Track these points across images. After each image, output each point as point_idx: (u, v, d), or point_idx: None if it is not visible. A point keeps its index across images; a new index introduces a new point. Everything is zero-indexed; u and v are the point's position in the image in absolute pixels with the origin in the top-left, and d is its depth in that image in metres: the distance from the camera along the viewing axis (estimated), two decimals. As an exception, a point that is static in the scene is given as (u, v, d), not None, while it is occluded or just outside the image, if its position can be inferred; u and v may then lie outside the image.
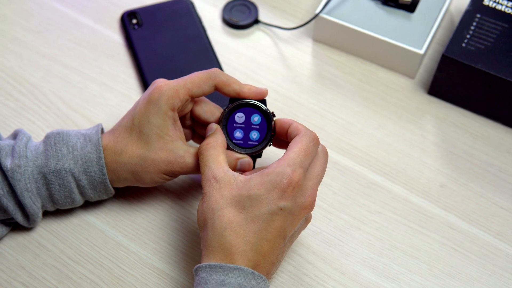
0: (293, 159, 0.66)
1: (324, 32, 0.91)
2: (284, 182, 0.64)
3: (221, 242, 0.64)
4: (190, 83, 0.71)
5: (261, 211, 0.64)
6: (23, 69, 0.89)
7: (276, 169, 0.65)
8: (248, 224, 0.64)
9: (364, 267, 0.75)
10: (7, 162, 0.70)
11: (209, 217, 0.65)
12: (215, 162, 0.68)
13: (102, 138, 0.73)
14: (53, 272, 0.73)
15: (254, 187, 0.65)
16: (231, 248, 0.63)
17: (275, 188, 0.64)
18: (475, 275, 0.75)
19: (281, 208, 0.64)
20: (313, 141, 0.68)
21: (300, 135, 0.68)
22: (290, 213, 0.65)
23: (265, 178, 0.65)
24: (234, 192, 0.65)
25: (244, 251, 0.63)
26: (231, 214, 0.64)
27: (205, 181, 0.67)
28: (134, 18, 0.92)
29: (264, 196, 0.64)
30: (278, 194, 0.64)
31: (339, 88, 0.89)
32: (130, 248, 0.75)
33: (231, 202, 0.65)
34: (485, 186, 0.81)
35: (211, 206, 0.65)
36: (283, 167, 0.65)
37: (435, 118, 0.86)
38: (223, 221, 0.64)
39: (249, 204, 0.64)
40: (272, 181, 0.64)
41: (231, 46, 0.93)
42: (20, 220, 0.72)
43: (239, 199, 0.65)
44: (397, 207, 0.79)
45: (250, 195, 0.64)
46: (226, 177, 0.66)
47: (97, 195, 0.74)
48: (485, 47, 0.82)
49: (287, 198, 0.65)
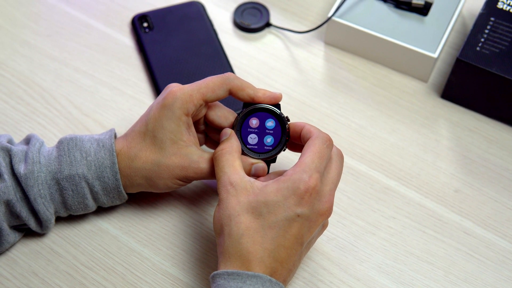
0: (308, 164, 0.65)
1: (336, 36, 0.91)
2: (301, 188, 0.64)
3: (238, 249, 0.63)
4: (204, 88, 0.70)
5: (278, 217, 0.64)
6: (33, 73, 0.88)
7: (293, 176, 0.64)
8: (265, 231, 0.63)
9: (379, 273, 0.75)
10: (20, 167, 0.70)
11: (226, 224, 0.64)
12: (231, 168, 0.67)
13: (116, 143, 0.72)
14: (66, 279, 0.73)
15: (271, 194, 0.64)
16: (248, 255, 0.63)
17: (292, 195, 0.64)
18: (491, 281, 0.74)
19: (299, 215, 0.64)
20: (326, 142, 0.67)
21: (312, 138, 0.67)
22: (307, 220, 0.65)
23: (281, 185, 0.64)
24: (251, 198, 0.64)
25: (261, 258, 0.63)
26: (248, 221, 0.64)
27: (221, 187, 0.66)
28: (145, 22, 0.92)
29: (281, 202, 0.64)
30: (295, 201, 0.64)
31: (352, 92, 0.88)
32: (144, 254, 0.75)
33: (248, 209, 0.64)
34: (500, 191, 0.81)
35: (228, 212, 0.65)
36: (300, 174, 0.64)
37: (449, 122, 0.86)
38: (240, 228, 0.64)
39: (266, 210, 0.64)
40: (289, 188, 0.64)
41: (243, 49, 0.92)
42: (33, 226, 0.72)
43: (256, 205, 0.64)
44: (411, 212, 0.79)
45: (267, 201, 0.64)
46: (242, 183, 0.66)
47: (111, 200, 0.73)
48: (500, 51, 0.82)
49: (305, 204, 0.64)
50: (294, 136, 0.71)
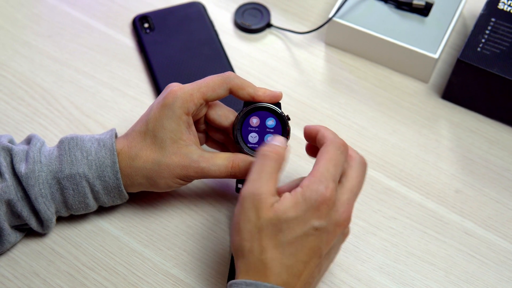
0: (323, 173, 0.63)
1: (337, 36, 0.91)
2: (319, 200, 0.62)
3: (257, 264, 0.62)
4: (205, 87, 0.70)
5: (297, 233, 0.62)
6: (34, 74, 0.88)
7: (309, 187, 0.63)
8: (284, 247, 0.62)
9: (380, 273, 0.75)
10: (21, 167, 0.70)
11: (246, 239, 0.63)
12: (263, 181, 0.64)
13: (116, 142, 0.72)
14: (67, 279, 0.73)
15: (290, 209, 0.62)
16: (266, 271, 0.62)
17: (310, 208, 0.62)
18: (492, 281, 0.74)
19: (317, 228, 0.62)
20: (340, 148, 0.65)
21: (326, 144, 0.66)
22: (325, 232, 0.63)
23: (299, 198, 0.63)
24: (271, 214, 0.62)
25: (279, 273, 0.62)
26: (268, 238, 0.62)
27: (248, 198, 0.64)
28: (146, 22, 0.92)
29: (300, 217, 0.62)
30: (312, 214, 0.62)
31: (353, 92, 0.88)
32: (145, 254, 0.75)
33: (268, 225, 0.62)
34: (501, 192, 0.80)
35: (249, 227, 0.63)
36: (316, 185, 0.63)
37: (450, 123, 0.86)
38: (261, 245, 0.62)
39: (286, 227, 0.62)
40: (307, 201, 0.62)
41: (244, 50, 0.92)
42: (34, 225, 0.72)
43: (276, 222, 0.62)
44: (412, 213, 0.79)
45: (287, 218, 0.62)
46: (267, 199, 0.63)
47: (111, 200, 0.73)
48: (501, 52, 0.82)
49: (322, 217, 0.62)
50: (310, 140, 0.70)
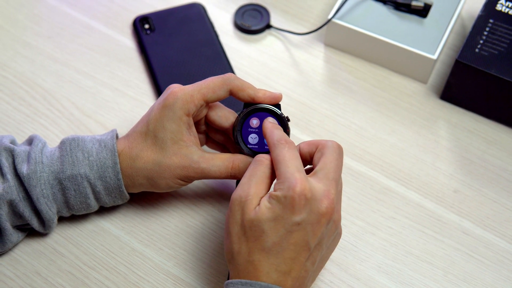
0: (285, 171, 0.64)
1: (336, 37, 0.91)
2: (291, 195, 0.62)
3: (246, 266, 0.63)
4: (205, 88, 0.71)
5: (280, 232, 0.63)
6: (35, 74, 0.89)
7: (278, 187, 0.63)
8: (269, 247, 0.63)
9: (378, 272, 0.75)
10: (23, 168, 0.70)
11: (234, 243, 0.64)
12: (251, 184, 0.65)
13: (117, 143, 0.73)
14: (68, 278, 0.73)
15: (267, 211, 0.63)
16: (255, 272, 0.63)
17: (286, 206, 0.62)
18: (490, 281, 0.75)
19: (298, 223, 0.62)
20: (281, 142, 0.66)
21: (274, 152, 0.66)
22: (308, 224, 0.63)
23: (272, 199, 0.63)
24: (253, 216, 0.63)
25: (267, 273, 0.63)
26: (254, 239, 0.63)
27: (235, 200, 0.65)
28: (146, 23, 0.92)
29: (279, 217, 0.62)
30: (290, 210, 0.62)
31: (352, 93, 0.89)
32: (146, 254, 0.75)
33: (250, 227, 0.63)
34: (499, 192, 0.81)
35: (236, 230, 0.64)
36: (283, 183, 0.63)
37: (448, 123, 0.86)
38: (248, 247, 0.63)
39: (268, 227, 0.63)
40: (280, 200, 0.62)
41: (243, 51, 0.93)
42: (35, 226, 0.72)
43: (257, 223, 0.63)
44: (411, 213, 0.79)
45: (267, 219, 0.63)
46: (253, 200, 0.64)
47: (112, 200, 0.74)
48: (499, 53, 0.82)
49: (301, 210, 0.62)
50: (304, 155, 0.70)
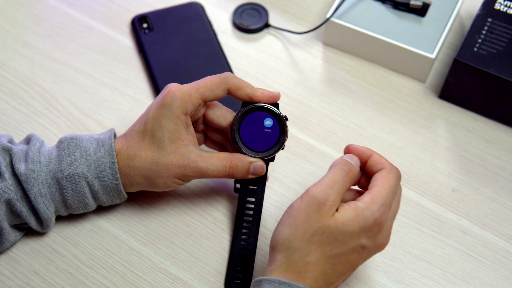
0: (385, 198, 0.65)
1: (334, 36, 0.91)
2: (375, 222, 0.64)
3: (299, 265, 0.63)
4: (203, 87, 0.71)
5: (347, 247, 0.64)
6: (34, 74, 0.89)
7: (371, 207, 0.64)
8: (330, 257, 0.64)
9: (377, 272, 0.75)
10: (20, 167, 0.70)
11: (297, 238, 0.63)
12: (334, 191, 0.65)
13: (115, 142, 0.73)
14: (66, 277, 0.73)
15: (348, 223, 0.63)
16: (306, 273, 0.63)
17: (364, 227, 0.64)
18: (488, 279, 0.75)
19: (363, 246, 0.65)
20: (399, 179, 0.68)
21: (387, 171, 0.67)
22: (367, 251, 0.66)
23: (359, 214, 0.64)
24: (332, 223, 0.63)
25: (316, 279, 0.63)
26: (319, 243, 0.63)
27: (315, 199, 0.64)
28: (145, 23, 0.92)
29: (355, 233, 0.64)
30: (365, 233, 0.64)
31: (350, 92, 0.89)
32: (143, 253, 0.75)
33: (324, 232, 0.63)
34: (497, 191, 0.81)
35: (304, 227, 0.63)
36: (377, 205, 0.64)
37: (447, 122, 0.86)
38: (309, 247, 0.63)
39: (340, 238, 0.63)
40: (366, 220, 0.64)
41: (242, 50, 0.93)
42: (33, 225, 0.72)
43: (334, 231, 0.63)
44: (409, 212, 0.79)
45: (344, 231, 0.63)
46: (332, 208, 0.64)
47: (110, 199, 0.74)
48: (497, 52, 0.82)
49: (370, 236, 0.65)
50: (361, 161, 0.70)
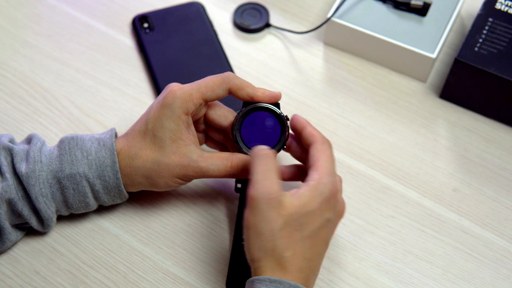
0: (329, 169, 0.66)
1: (335, 36, 0.91)
2: (331, 193, 0.65)
3: (281, 261, 0.63)
4: (204, 87, 0.71)
5: (315, 226, 0.64)
6: (35, 73, 0.89)
7: (322, 180, 0.65)
8: (304, 241, 0.64)
9: (378, 271, 0.75)
10: (22, 167, 0.70)
11: (269, 240, 0.63)
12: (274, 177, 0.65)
13: (116, 142, 0.73)
14: (67, 277, 0.73)
15: (308, 204, 0.64)
16: (290, 267, 0.63)
17: (324, 201, 0.64)
18: (489, 279, 0.75)
19: (328, 219, 0.65)
20: (331, 148, 0.69)
21: (320, 143, 0.69)
22: (332, 223, 0.66)
23: (315, 191, 0.64)
24: (292, 210, 0.63)
25: (301, 268, 0.63)
26: (290, 234, 0.63)
27: (261, 196, 0.63)
28: (145, 22, 0.92)
29: (317, 210, 0.64)
30: (325, 206, 0.65)
31: (351, 92, 0.89)
32: (145, 252, 0.75)
33: (288, 221, 0.63)
34: (498, 190, 0.81)
35: (270, 227, 0.63)
36: (327, 178, 0.65)
37: (447, 122, 0.86)
38: (283, 242, 0.63)
39: (306, 220, 0.64)
40: (322, 194, 0.64)
41: (243, 50, 0.93)
42: (34, 224, 0.72)
43: (297, 217, 0.63)
44: (410, 212, 0.79)
45: (306, 212, 0.64)
46: (281, 196, 0.64)
47: (111, 199, 0.74)
48: (498, 51, 0.82)
49: (331, 208, 0.65)
50: (294, 130, 0.72)
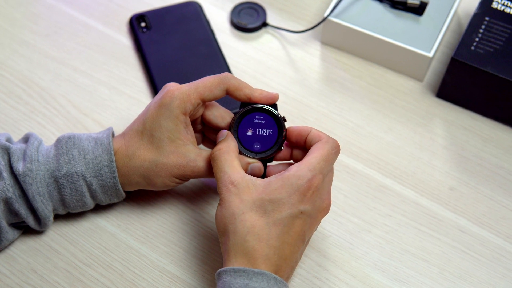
0: (314, 164, 0.66)
1: (332, 35, 0.91)
2: (305, 186, 0.65)
3: (244, 246, 0.64)
4: (202, 87, 0.71)
5: (283, 214, 0.64)
6: (32, 73, 0.89)
7: (297, 172, 0.65)
8: (270, 228, 0.64)
9: (374, 270, 0.75)
10: (19, 166, 0.70)
11: (230, 222, 0.65)
12: (231, 167, 0.67)
13: (113, 141, 0.73)
14: (64, 276, 0.74)
15: (275, 191, 0.65)
16: (254, 253, 0.64)
17: (296, 192, 0.65)
18: (485, 278, 0.75)
19: (302, 212, 0.65)
20: (335, 149, 0.69)
21: (322, 142, 0.68)
22: (309, 217, 0.66)
23: (285, 181, 0.65)
24: (254, 196, 0.65)
25: (267, 255, 0.64)
26: (252, 219, 0.64)
27: (222, 187, 0.67)
28: (142, 21, 0.92)
29: (285, 199, 0.65)
30: (298, 198, 0.65)
31: (348, 91, 0.89)
32: (141, 251, 0.76)
33: (251, 207, 0.65)
34: (494, 189, 0.81)
35: (231, 211, 0.65)
36: (304, 171, 0.65)
37: (444, 121, 0.87)
38: (245, 226, 0.64)
39: (271, 208, 0.65)
40: (293, 185, 0.65)
41: (240, 49, 0.93)
42: (31, 223, 0.72)
43: (260, 203, 0.65)
44: (407, 210, 0.80)
45: (271, 199, 0.65)
46: (244, 182, 0.66)
47: (108, 198, 0.74)
48: (494, 50, 0.83)
49: (307, 201, 0.65)
50: (298, 140, 0.71)
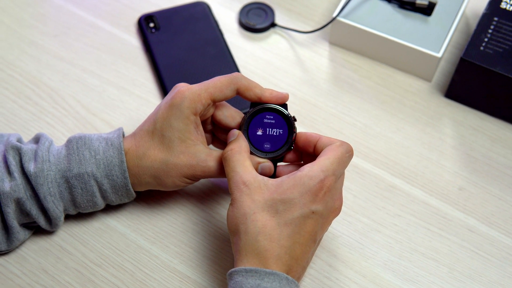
0: (327, 165, 0.66)
1: (341, 36, 0.91)
2: (317, 186, 0.65)
3: (255, 246, 0.64)
4: (212, 87, 0.71)
5: (294, 214, 0.64)
6: (41, 73, 0.89)
7: (309, 173, 0.65)
8: (281, 228, 0.64)
9: (384, 269, 0.76)
10: (30, 166, 0.71)
11: (242, 222, 0.65)
12: (243, 167, 0.68)
13: (124, 142, 0.73)
14: (75, 276, 0.74)
15: (287, 191, 0.65)
16: (265, 253, 0.64)
17: (308, 192, 0.65)
18: (495, 277, 0.75)
19: (313, 212, 0.65)
20: (349, 152, 0.69)
21: (337, 145, 0.68)
22: (321, 217, 0.66)
23: (297, 181, 0.65)
24: (266, 196, 0.65)
25: (278, 255, 0.64)
26: (264, 219, 0.65)
27: (234, 187, 0.67)
28: (151, 22, 0.93)
29: (297, 199, 0.65)
30: (310, 198, 0.65)
31: (357, 91, 0.89)
32: (152, 251, 0.76)
33: (263, 207, 0.65)
34: (503, 189, 0.81)
35: (243, 211, 0.65)
36: (317, 172, 0.65)
37: (453, 121, 0.87)
38: (256, 226, 0.64)
39: (282, 208, 0.65)
40: (305, 185, 0.65)
41: (248, 49, 0.93)
42: (42, 224, 0.73)
43: (272, 203, 0.65)
44: (416, 210, 0.80)
45: (283, 199, 0.65)
46: (255, 182, 0.66)
47: (119, 198, 0.74)
48: (503, 50, 0.83)
49: (319, 201, 0.65)
50: (305, 146, 0.71)
